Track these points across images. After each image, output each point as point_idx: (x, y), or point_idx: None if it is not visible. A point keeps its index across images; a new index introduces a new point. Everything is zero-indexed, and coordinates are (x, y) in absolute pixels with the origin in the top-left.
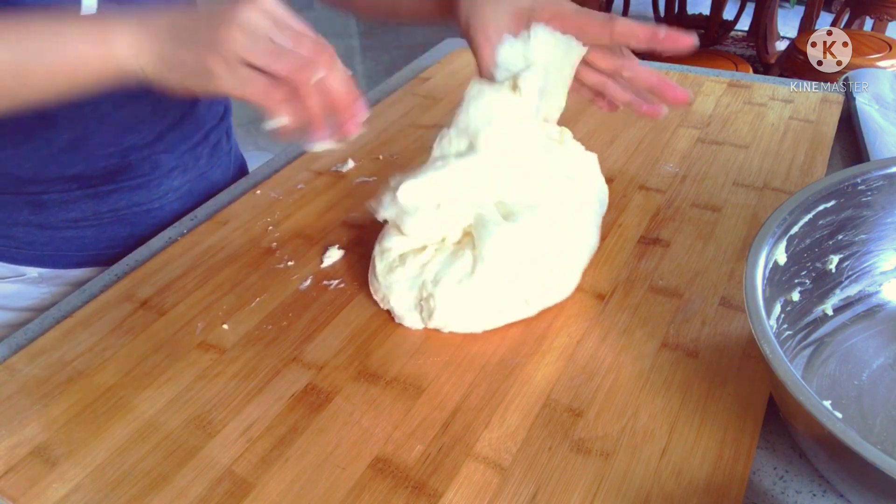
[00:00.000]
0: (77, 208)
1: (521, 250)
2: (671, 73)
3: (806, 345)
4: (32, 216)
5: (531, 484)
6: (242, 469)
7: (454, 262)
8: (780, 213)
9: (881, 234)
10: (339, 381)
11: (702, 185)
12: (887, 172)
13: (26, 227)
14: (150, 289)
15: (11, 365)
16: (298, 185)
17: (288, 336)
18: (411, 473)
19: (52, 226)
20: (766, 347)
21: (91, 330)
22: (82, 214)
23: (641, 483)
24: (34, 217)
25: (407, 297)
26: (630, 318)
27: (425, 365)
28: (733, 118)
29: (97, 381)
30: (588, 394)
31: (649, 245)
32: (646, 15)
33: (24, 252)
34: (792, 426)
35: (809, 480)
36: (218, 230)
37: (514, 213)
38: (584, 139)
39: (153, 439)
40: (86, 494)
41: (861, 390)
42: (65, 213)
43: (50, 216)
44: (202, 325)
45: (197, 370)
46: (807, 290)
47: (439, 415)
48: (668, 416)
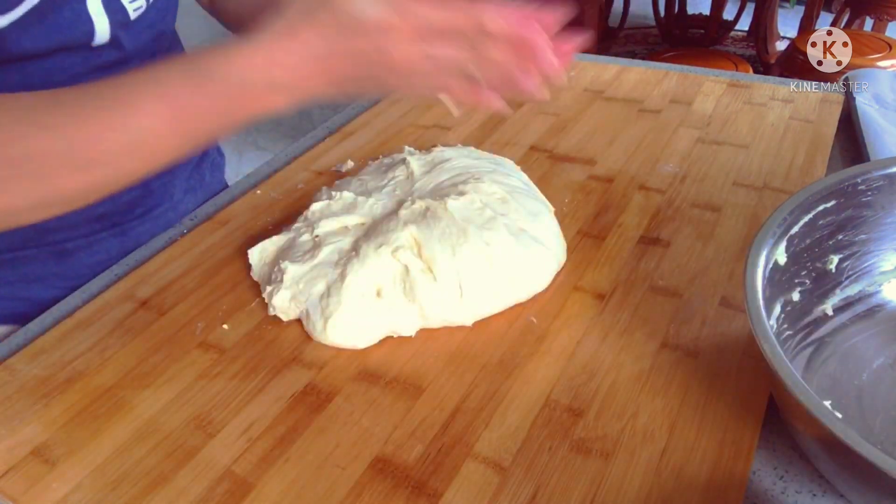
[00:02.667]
0: (103, 249)
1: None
2: (671, 72)
3: (806, 345)
4: (57, 267)
5: (531, 484)
6: (242, 469)
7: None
8: (780, 213)
9: (881, 234)
10: (339, 381)
11: (702, 185)
12: (887, 172)
13: (51, 281)
14: (150, 289)
15: (11, 365)
16: (298, 184)
17: (288, 336)
18: (411, 473)
19: (76, 275)
20: (766, 347)
21: (91, 330)
22: (108, 255)
23: (641, 483)
24: (59, 268)
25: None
26: (630, 318)
27: (425, 365)
28: (733, 118)
29: (97, 381)
30: (588, 394)
31: (649, 245)
32: (646, 15)
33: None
34: (792, 426)
35: (809, 480)
36: (218, 230)
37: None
38: (583, 139)
39: (153, 439)
40: (86, 494)
41: (861, 390)
42: (90, 258)
43: (76, 263)
44: (202, 325)
45: (197, 370)
46: (807, 290)
47: (439, 415)
48: (668, 416)
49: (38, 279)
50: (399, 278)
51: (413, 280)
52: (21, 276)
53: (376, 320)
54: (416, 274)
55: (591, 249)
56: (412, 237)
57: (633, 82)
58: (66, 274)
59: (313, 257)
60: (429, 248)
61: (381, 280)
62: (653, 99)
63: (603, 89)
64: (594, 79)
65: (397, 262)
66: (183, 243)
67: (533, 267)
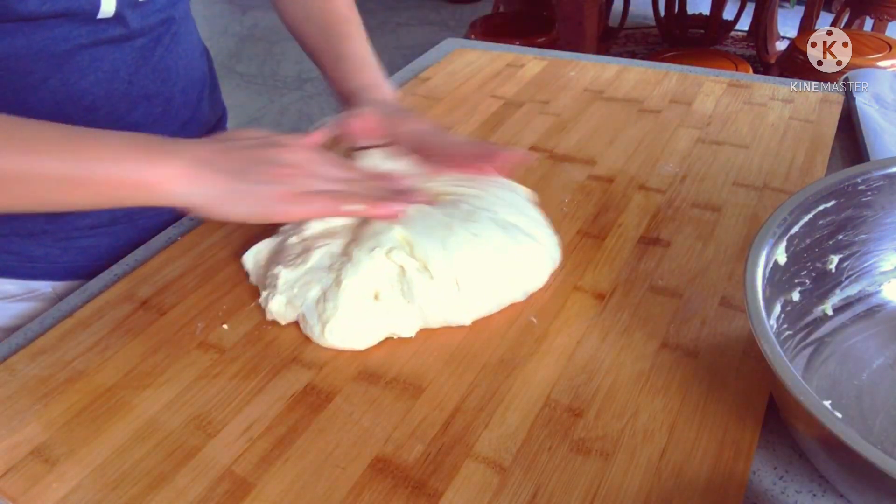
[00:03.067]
0: (94, 214)
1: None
2: (671, 72)
3: (806, 345)
4: (49, 225)
5: (531, 484)
6: (242, 469)
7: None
8: (780, 213)
9: (881, 234)
10: (339, 382)
11: (702, 185)
12: (887, 172)
13: (41, 239)
14: (150, 289)
15: (11, 365)
16: None
17: (288, 336)
18: (411, 473)
19: (67, 235)
20: (766, 347)
21: (91, 330)
22: (98, 220)
23: (641, 483)
24: (50, 226)
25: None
26: (630, 318)
27: (425, 365)
28: (733, 118)
29: (97, 381)
30: (588, 394)
31: (649, 245)
32: (646, 15)
33: (38, 266)
34: (792, 426)
35: (809, 480)
36: (218, 230)
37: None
38: (583, 139)
39: (153, 439)
40: (86, 494)
41: (861, 390)
42: (81, 220)
43: (66, 224)
44: (202, 325)
45: (197, 370)
46: (807, 290)
47: (439, 415)
48: (668, 416)
49: (30, 235)
50: (396, 280)
51: (410, 280)
52: (13, 230)
53: (375, 323)
54: (413, 274)
55: (591, 249)
56: (401, 237)
57: (633, 82)
58: (56, 233)
59: (305, 262)
60: (420, 246)
61: (378, 283)
62: (653, 99)
63: (603, 89)
64: (594, 79)
65: (392, 263)
66: (183, 243)
67: (527, 262)
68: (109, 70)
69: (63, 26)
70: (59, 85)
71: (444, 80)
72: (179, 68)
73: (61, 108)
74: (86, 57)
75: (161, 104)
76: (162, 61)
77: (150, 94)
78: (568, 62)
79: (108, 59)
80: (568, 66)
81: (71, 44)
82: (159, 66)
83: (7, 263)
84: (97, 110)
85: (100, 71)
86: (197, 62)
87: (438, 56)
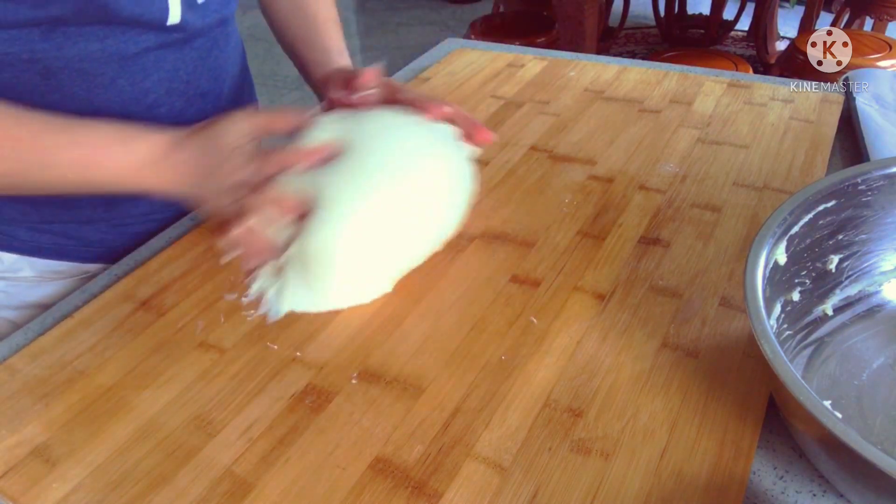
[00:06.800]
0: (148, 201)
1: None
2: (671, 72)
3: (806, 345)
4: (106, 213)
5: (531, 484)
6: (242, 469)
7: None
8: (780, 213)
9: (881, 234)
10: (339, 381)
11: (702, 185)
12: (887, 172)
13: (98, 225)
14: (150, 289)
15: (12, 365)
16: None
17: (288, 336)
18: (411, 473)
19: (122, 222)
20: (766, 347)
21: (91, 330)
22: (152, 208)
23: (641, 483)
24: (107, 214)
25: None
26: (630, 318)
27: (425, 365)
28: (733, 118)
29: (97, 381)
30: (588, 394)
31: (649, 245)
32: (646, 15)
33: (92, 249)
34: (792, 426)
35: (809, 480)
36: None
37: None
38: (583, 139)
39: (153, 439)
40: (86, 494)
41: (861, 390)
42: (136, 209)
43: (122, 212)
44: (202, 325)
45: (197, 370)
46: (807, 290)
47: (439, 415)
48: (668, 416)
49: (89, 222)
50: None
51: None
52: (74, 217)
53: (361, 266)
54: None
55: (591, 249)
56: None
57: (633, 82)
58: (111, 220)
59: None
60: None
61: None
62: (653, 99)
63: (603, 89)
64: (594, 79)
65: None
66: (183, 243)
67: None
68: (171, 70)
69: (133, 31)
70: (126, 85)
71: (444, 81)
72: (228, 66)
73: (126, 107)
74: (151, 59)
75: (213, 101)
76: (216, 60)
77: (204, 91)
78: (568, 62)
79: (171, 59)
80: (568, 66)
81: (139, 47)
82: (213, 65)
83: (64, 247)
84: (158, 108)
85: (162, 71)
86: (240, 58)
87: (438, 56)
